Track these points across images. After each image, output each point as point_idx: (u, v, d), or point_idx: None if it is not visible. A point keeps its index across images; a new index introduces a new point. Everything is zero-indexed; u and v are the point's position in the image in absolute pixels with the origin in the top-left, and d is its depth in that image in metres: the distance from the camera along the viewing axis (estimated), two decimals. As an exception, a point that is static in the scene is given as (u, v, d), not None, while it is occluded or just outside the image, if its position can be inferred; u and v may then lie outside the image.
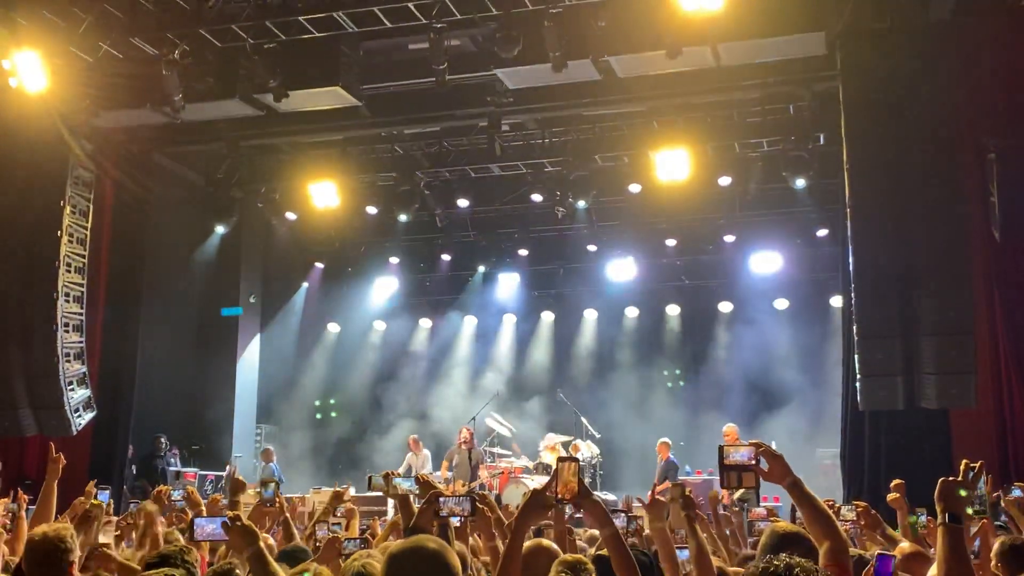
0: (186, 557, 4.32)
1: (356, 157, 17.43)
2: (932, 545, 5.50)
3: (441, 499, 4.24)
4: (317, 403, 21.68)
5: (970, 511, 3.82)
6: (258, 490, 6.31)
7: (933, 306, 11.74)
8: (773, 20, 12.07)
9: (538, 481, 15.99)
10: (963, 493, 3.32)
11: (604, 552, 4.10)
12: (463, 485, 15.16)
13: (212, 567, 4.14)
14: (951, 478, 3.33)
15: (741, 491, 10.83)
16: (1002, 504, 7.45)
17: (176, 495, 6.38)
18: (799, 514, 6.65)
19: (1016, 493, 8.15)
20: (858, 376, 12.26)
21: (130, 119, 14.73)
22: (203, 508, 6.10)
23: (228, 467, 17.39)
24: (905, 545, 6.06)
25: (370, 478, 5.85)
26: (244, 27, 12.96)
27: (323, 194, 16.73)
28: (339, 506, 6.88)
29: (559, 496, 3.68)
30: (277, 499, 6.05)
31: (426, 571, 2.97)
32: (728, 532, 7.92)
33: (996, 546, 4.99)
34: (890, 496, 7.55)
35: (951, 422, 12.71)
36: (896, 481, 7.64)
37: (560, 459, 3.72)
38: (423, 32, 12.75)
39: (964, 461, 3.42)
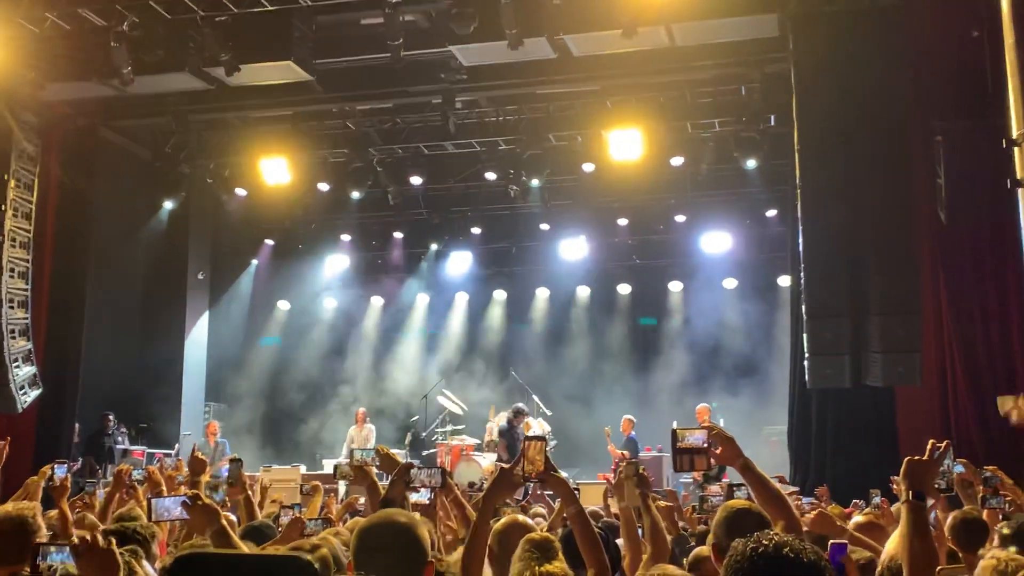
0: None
1: (308, 133, 17.25)
2: (887, 526, 5.67)
3: (412, 470, 4.27)
4: (266, 381, 21.50)
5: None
6: (226, 470, 6.27)
7: (880, 286, 11.97)
8: (727, 1, 12.16)
9: (489, 459, 16.07)
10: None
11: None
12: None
13: (183, 544, 4.12)
14: (917, 457, 3.40)
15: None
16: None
17: (136, 475, 6.32)
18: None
19: (959, 469, 8.36)
20: (806, 354, 12.47)
21: (77, 92, 14.46)
22: (164, 488, 6.06)
23: (177, 446, 17.23)
24: (860, 518, 6.25)
25: (336, 467, 5.85)
26: (195, -1, 12.75)
27: (274, 170, 16.56)
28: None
29: (526, 474, 3.73)
30: (240, 477, 6.04)
31: (396, 544, 2.98)
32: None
33: (948, 520, 5.12)
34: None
35: (896, 400, 12.99)
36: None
37: (527, 438, 3.77)
38: (377, 7, 12.65)
39: (931, 441, 3.50)
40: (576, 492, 5.20)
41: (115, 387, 17.56)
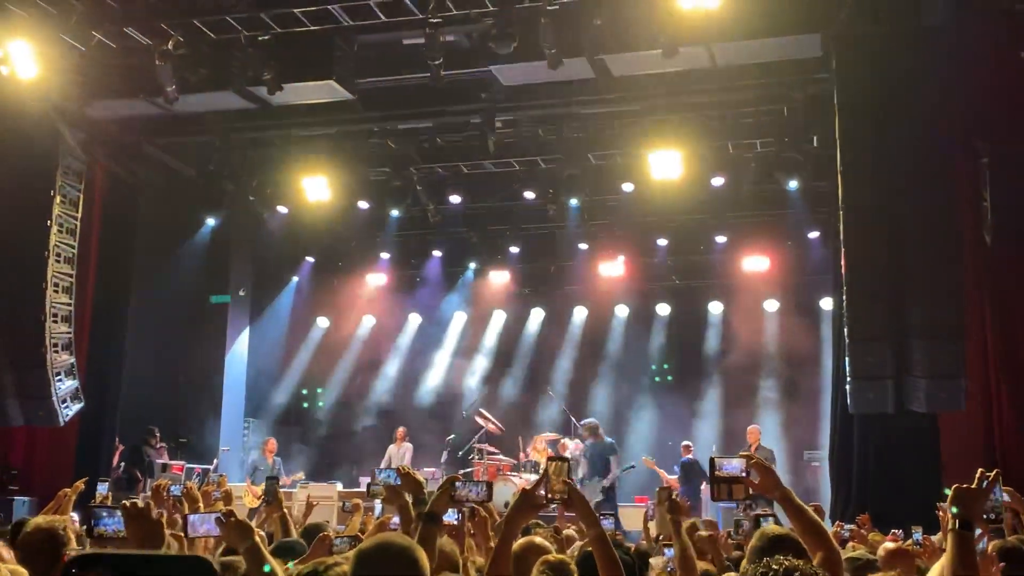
0: None
1: (349, 151, 17.36)
2: (927, 561, 5.58)
3: (457, 483, 4.27)
4: (305, 397, 21.63)
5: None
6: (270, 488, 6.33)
7: (924, 310, 11.77)
8: (769, 21, 12.07)
9: (526, 479, 15.99)
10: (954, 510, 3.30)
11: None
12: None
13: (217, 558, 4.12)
14: (966, 485, 3.32)
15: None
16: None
17: (175, 491, 6.36)
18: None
19: (1004, 498, 8.15)
20: (848, 379, 12.28)
21: (122, 109, 14.68)
22: (201, 504, 6.08)
23: (216, 461, 17.36)
24: (889, 544, 6.18)
25: (369, 486, 5.86)
26: (239, 19, 12.90)
27: (315, 188, 16.69)
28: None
29: (548, 496, 3.70)
30: (277, 495, 6.07)
31: (394, 567, 2.99)
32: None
33: (988, 549, 5.01)
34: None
35: (940, 425, 12.75)
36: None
37: (549, 459, 3.74)
38: (418, 27, 12.70)
39: (980, 470, 3.41)
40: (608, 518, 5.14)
41: (156, 402, 17.74)
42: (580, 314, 21.28)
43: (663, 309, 20.73)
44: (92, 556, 1.20)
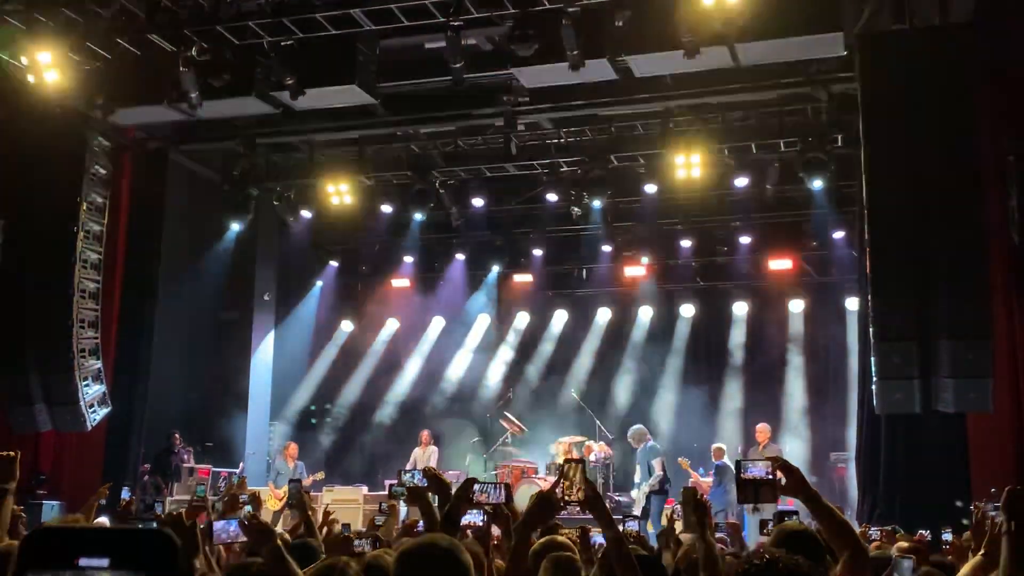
0: None
1: (371, 156, 17.44)
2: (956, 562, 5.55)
3: (476, 485, 4.27)
4: (329, 401, 21.68)
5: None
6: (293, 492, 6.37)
7: (951, 309, 11.66)
8: (792, 20, 11.98)
9: (551, 482, 15.95)
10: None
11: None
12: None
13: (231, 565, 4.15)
14: (1020, 487, 3.29)
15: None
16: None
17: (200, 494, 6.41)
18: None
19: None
20: (874, 379, 12.19)
21: (147, 116, 14.79)
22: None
23: (242, 464, 17.43)
24: (904, 543, 6.18)
25: (391, 488, 5.86)
26: (261, 24, 12.96)
27: (338, 192, 16.77)
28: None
29: (566, 497, 3.68)
30: (301, 499, 6.10)
31: (438, 568, 2.96)
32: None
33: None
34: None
35: (968, 426, 12.63)
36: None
37: (566, 460, 3.73)
38: (440, 31, 12.72)
39: None
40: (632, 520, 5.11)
41: (182, 406, 17.84)
42: (604, 316, 21.20)
43: (687, 310, 20.59)
44: (50, 529, 1.21)
